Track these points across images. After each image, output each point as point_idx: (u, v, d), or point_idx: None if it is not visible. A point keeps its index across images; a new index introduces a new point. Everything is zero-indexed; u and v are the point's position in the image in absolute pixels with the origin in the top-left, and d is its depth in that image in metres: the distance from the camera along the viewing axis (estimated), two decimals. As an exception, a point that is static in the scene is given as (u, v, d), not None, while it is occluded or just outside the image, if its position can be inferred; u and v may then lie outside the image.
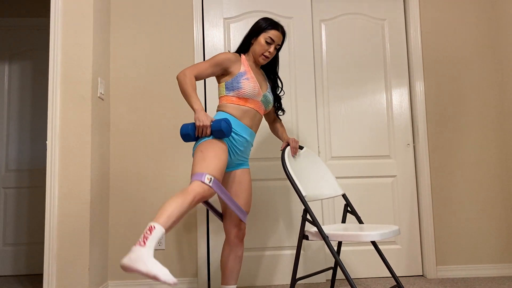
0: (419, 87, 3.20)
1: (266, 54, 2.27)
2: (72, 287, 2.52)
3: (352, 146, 3.19)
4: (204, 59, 3.12)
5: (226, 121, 2.05)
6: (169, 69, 3.09)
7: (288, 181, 3.06)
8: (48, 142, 2.60)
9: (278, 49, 2.36)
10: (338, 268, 2.99)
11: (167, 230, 1.77)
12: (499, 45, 3.24)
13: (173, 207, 1.80)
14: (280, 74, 2.98)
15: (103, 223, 2.84)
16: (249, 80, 2.19)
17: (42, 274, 3.56)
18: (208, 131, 2.04)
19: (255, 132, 2.31)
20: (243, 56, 2.29)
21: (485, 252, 3.10)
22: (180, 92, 2.14)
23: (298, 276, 2.94)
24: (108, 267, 2.92)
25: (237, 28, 3.16)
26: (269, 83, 2.41)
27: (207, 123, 2.04)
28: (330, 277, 3.06)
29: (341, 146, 3.19)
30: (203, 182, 1.92)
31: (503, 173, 3.16)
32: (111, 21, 3.11)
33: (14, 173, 3.73)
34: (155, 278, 1.62)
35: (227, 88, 2.22)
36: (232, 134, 2.16)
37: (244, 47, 2.33)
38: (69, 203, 2.57)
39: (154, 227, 1.73)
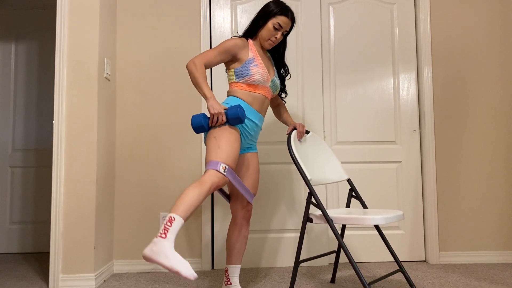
0: (427, 73, 3.17)
1: (273, 39, 2.25)
2: (78, 266, 2.56)
3: (358, 131, 3.18)
4: (210, 41, 3.10)
5: (241, 107, 2.05)
6: (176, 51, 3.08)
7: (293, 165, 3.06)
8: (55, 122, 2.61)
9: (285, 35, 2.34)
10: (341, 252, 3.02)
11: (186, 220, 1.82)
12: (509, 33, 3.20)
13: (190, 198, 1.84)
14: (286, 57, 2.95)
15: (109, 202, 2.87)
16: (258, 66, 2.19)
17: (48, 253, 3.62)
18: (224, 119, 2.04)
19: (264, 117, 2.32)
20: (250, 41, 2.27)
21: (487, 239, 3.11)
22: (191, 81, 2.14)
23: (301, 258, 2.97)
24: (113, 246, 2.96)
25: (244, 10, 3.13)
26: (275, 67, 2.39)
27: (222, 110, 2.04)
28: (333, 261, 3.09)
29: (347, 131, 3.18)
30: (218, 171, 1.95)
31: (509, 162, 3.15)
32: (117, 1, 3.09)
33: (20, 153, 3.76)
34: (177, 273, 1.67)
35: (236, 75, 2.22)
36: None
37: (252, 31, 2.30)
38: (75, 183, 2.59)
39: (174, 218, 1.77)
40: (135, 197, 2.99)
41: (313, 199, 2.20)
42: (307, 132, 2.51)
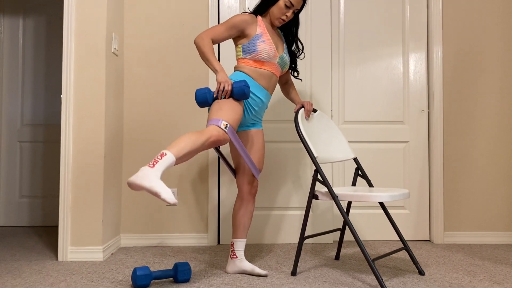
0: (438, 52, 3.13)
1: (283, 17, 2.24)
2: (86, 239, 2.60)
3: (365, 111, 3.16)
4: (218, 17, 3.07)
5: (246, 83, 2.07)
6: (183, 26, 3.06)
7: (300, 143, 3.06)
8: (63, 97, 2.62)
9: (297, 13, 2.32)
10: (346, 229, 3.04)
11: (177, 161, 1.83)
12: (523, 10, 3.13)
13: (186, 141, 1.86)
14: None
15: (116, 177, 2.90)
16: (265, 42, 2.18)
17: (57, 226, 3.68)
18: (230, 88, 2.06)
19: (271, 94, 2.31)
20: (259, 18, 2.26)
21: (493, 220, 3.11)
22: (199, 55, 2.14)
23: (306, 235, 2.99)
24: (121, 220, 3.00)
25: (253, -15, 3.09)
26: (285, 44, 2.38)
27: (229, 80, 2.07)
28: (337, 239, 3.11)
29: (355, 110, 3.16)
30: (219, 127, 1.97)
31: (518, 143, 3.13)
32: (125, -25, 3.06)
33: (29, 128, 3.79)
34: (156, 195, 1.70)
35: (243, 51, 2.22)
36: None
37: (262, 8, 2.29)
38: (83, 157, 2.62)
39: (166, 153, 1.81)
40: (142, 172, 3.00)
41: (319, 176, 2.21)
42: (315, 110, 2.50)
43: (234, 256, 2.27)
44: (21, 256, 2.67)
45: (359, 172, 2.48)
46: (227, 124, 2.00)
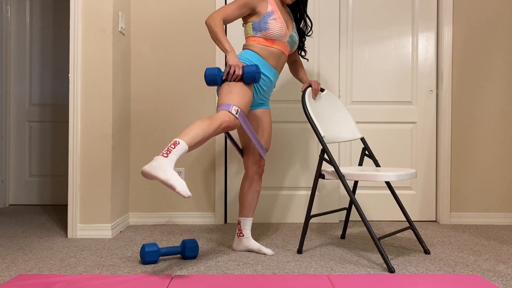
0: (447, 32, 3.08)
1: None
2: (95, 217, 2.64)
3: (373, 91, 3.14)
4: (226, -4, 3.04)
5: (257, 68, 2.06)
6: (190, 4, 3.04)
7: (307, 123, 3.06)
8: (71, 76, 2.63)
9: None
10: (352, 209, 3.05)
11: (190, 148, 1.85)
12: (536, -12, 3.07)
13: (199, 128, 1.87)
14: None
15: (124, 156, 2.92)
16: (276, 20, 2.16)
17: (66, 205, 3.73)
18: (240, 72, 2.04)
19: (279, 73, 2.30)
20: None
21: (499, 201, 3.10)
22: (210, 36, 2.14)
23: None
24: (129, 199, 3.03)
25: (261, -37, 3.04)
26: (294, 22, 2.35)
27: (240, 64, 2.06)
28: (343, 219, 3.13)
29: (363, 90, 3.15)
30: (230, 112, 1.98)
31: (527, 124, 3.10)
32: (132, -47, 3.03)
33: (38, 107, 3.82)
34: (171, 187, 1.73)
35: (254, 29, 2.20)
36: None
37: None
38: (91, 137, 2.64)
39: (179, 142, 1.82)
40: (151, 150, 3.03)
41: (326, 156, 2.21)
42: (322, 90, 2.49)
43: (241, 235, 2.30)
44: (31, 233, 2.72)
45: (366, 152, 2.48)
46: (238, 110, 2.00)
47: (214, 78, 2.09)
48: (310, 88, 2.37)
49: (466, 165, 3.11)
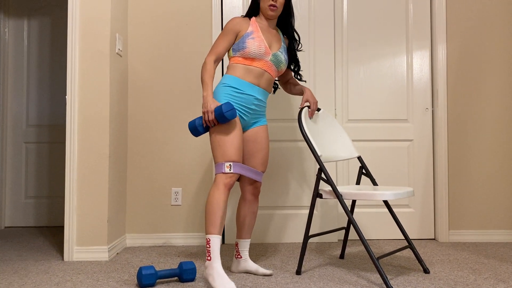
0: (441, 50, 3.12)
1: (272, 3, 2.20)
2: (91, 239, 2.62)
3: (369, 109, 3.16)
4: (222, 17, 3.08)
5: (227, 106, 2.03)
6: (187, 26, 3.07)
7: (304, 142, 3.06)
8: (68, 98, 2.64)
9: (287, 1, 2.30)
10: (351, 228, 3.04)
11: (220, 232, 2.01)
12: (527, 7, 3.12)
13: (213, 212, 2.01)
14: (299, 32, 2.93)
15: (121, 177, 2.91)
16: (254, 39, 2.17)
17: (63, 226, 3.70)
18: (212, 117, 2.06)
19: (267, 91, 2.27)
20: (252, 18, 2.26)
21: (498, 218, 3.10)
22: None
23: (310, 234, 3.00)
24: (126, 220, 3.01)
25: (256, -15, 3.09)
26: (285, 43, 2.36)
27: (211, 108, 2.06)
28: (342, 238, 3.11)
29: (359, 108, 3.16)
30: (225, 173, 2.06)
31: (523, 140, 3.12)
32: (129, -24, 3.07)
33: (34, 128, 3.82)
34: None
35: (233, 50, 2.23)
36: (237, 93, 2.16)
37: (254, 8, 2.30)
38: (88, 158, 2.63)
39: (210, 239, 2.00)
40: (147, 171, 3.02)
41: (323, 175, 2.21)
42: (319, 109, 2.50)
43: (239, 256, 2.28)
44: (27, 256, 2.69)
45: (363, 171, 2.48)
46: (230, 165, 2.06)
47: (196, 129, 2.14)
48: (306, 108, 2.38)
49: (463, 182, 3.11)
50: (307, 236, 2.26)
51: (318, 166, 2.24)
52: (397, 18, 3.17)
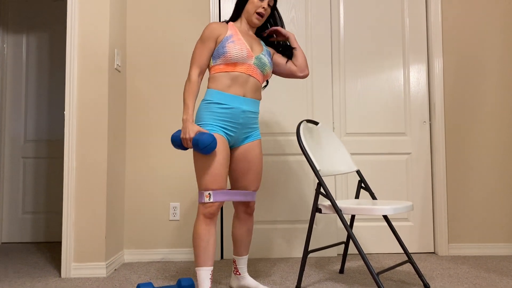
0: (438, 64, 3.14)
1: (260, 11, 2.14)
2: (89, 255, 2.59)
3: (367, 123, 3.17)
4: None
5: (204, 139, 1.89)
6: (185, 41, 3.09)
7: (302, 156, 3.06)
8: (66, 113, 2.64)
9: (272, 7, 2.24)
10: (350, 243, 3.02)
11: (210, 264, 1.99)
12: (522, 21, 3.15)
13: (195, 243, 1.99)
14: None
15: (119, 192, 2.90)
16: (234, 42, 2.06)
17: (60, 242, 3.67)
18: (190, 145, 1.96)
19: (255, 98, 2.13)
20: (230, 23, 2.17)
21: (497, 231, 3.09)
22: None
23: (310, 249, 2.98)
24: (123, 236, 2.99)
25: (254, 1, 3.11)
26: (266, 47, 2.25)
27: (190, 136, 1.95)
28: (341, 252, 3.10)
29: (356, 122, 3.17)
30: (204, 203, 1.99)
31: (521, 153, 3.12)
32: (127, -8, 3.10)
33: (32, 144, 3.81)
34: None
35: (213, 57, 2.10)
36: (221, 108, 2.04)
37: (236, 13, 2.22)
38: (86, 173, 2.62)
39: (198, 271, 1.99)
40: (145, 186, 3.01)
41: (322, 190, 2.20)
42: (316, 123, 2.51)
43: (237, 273, 2.26)
44: (24, 273, 2.67)
45: (362, 185, 2.48)
46: (209, 194, 1.96)
47: (180, 145, 2.01)
48: (304, 122, 2.37)
49: (462, 194, 3.11)
50: (306, 251, 2.25)
51: (317, 181, 2.24)
52: (393, 32, 3.20)
